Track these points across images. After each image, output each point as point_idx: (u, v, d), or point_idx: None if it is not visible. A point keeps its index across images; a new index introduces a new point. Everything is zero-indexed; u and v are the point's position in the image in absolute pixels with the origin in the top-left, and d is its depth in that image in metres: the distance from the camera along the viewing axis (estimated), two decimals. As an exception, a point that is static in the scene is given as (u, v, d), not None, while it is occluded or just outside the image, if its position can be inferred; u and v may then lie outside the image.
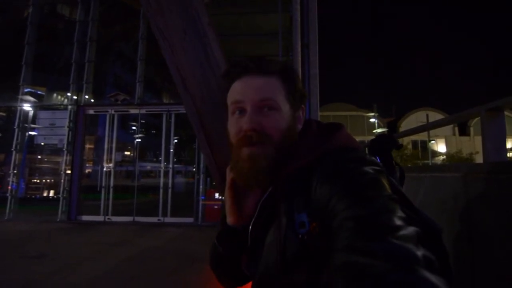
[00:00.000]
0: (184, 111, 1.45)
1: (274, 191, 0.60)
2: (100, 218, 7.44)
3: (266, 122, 0.60)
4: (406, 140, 25.45)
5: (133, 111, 8.10)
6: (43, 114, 8.07)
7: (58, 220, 7.29)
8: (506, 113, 1.25)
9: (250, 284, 0.68)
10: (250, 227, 0.63)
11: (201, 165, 7.47)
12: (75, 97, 7.93)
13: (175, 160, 8.13)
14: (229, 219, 0.66)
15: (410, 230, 0.40)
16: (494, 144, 1.14)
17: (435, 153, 27.83)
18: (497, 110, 1.15)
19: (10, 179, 7.74)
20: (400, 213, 0.44)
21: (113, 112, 7.97)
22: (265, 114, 0.60)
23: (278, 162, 0.59)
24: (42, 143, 8.25)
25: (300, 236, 0.52)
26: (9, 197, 7.59)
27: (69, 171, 7.60)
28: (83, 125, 7.92)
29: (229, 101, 0.65)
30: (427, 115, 25.31)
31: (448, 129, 28.48)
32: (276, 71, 0.63)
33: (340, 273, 0.39)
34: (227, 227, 0.67)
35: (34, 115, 8.13)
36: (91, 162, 9.65)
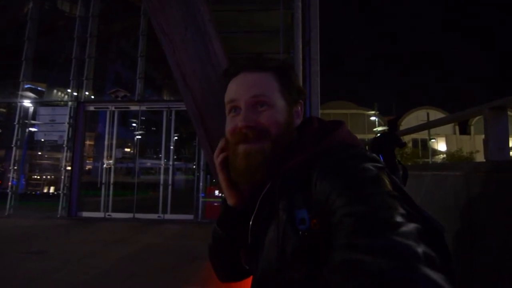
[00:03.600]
0: (185, 108, 1.44)
1: (273, 187, 0.59)
2: (100, 214, 7.46)
3: (261, 118, 0.60)
4: (406, 139, 25.43)
5: (133, 107, 8.10)
6: (43, 110, 8.07)
7: (58, 216, 7.32)
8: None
9: (250, 279, 0.68)
10: (251, 223, 0.63)
11: (201, 163, 7.48)
12: (75, 94, 7.92)
13: (175, 157, 8.13)
14: (230, 201, 0.68)
15: (411, 227, 0.40)
16: (497, 143, 1.14)
17: (436, 152, 27.83)
18: (501, 108, 1.15)
19: (11, 175, 7.75)
20: (400, 210, 0.43)
21: (113, 109, 7.97)
22: (259, 111, 0.61)
23: (276, 157, 0.59)
24: (42, 139, 8.26)
25: (300, 232, 0.52)
26: (10, 193, 7.61)
27: (69, 168, 7.62)
28: (83, 121, 7.92)
29: (225, 100, 0.66)
30: (427, 114, 25.30)
31: (448, 128, 28.45)
32: (271, 68, 0.64)
33: (340, 270, 0.39)
34: (228, 209, 0.68)
35: (34, 111, 8.13)
36: (91, 159, 9.64)
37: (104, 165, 7.84)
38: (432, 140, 26.13)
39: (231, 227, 0.69)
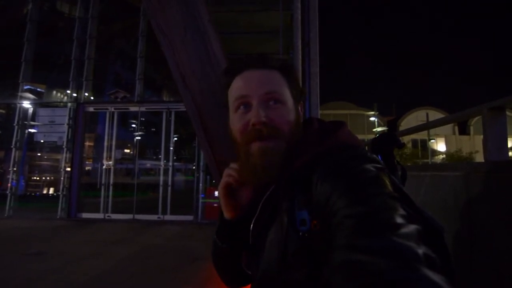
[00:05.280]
0: (184, 109, 1.43)
1: (276, 189, 0.59)
2: (99, 215, 7.45)
3: (274, 115, 0.58)
4: (406, 139, 25.45)
5: (133, 108, 8.10)
6: (42, 112, 8.06)
7: (57, 217, 7.31)
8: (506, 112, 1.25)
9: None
10: (252, 225, 0.63)
11: (201, 163, 7.47)
12: (74, 95, 7.92)
13: (175, 158, 8.13)
14: (226, 215, 0.67)
15: (411, 228, 0.40)
16: (496, 143, 1.14)
17: (435, 152, 27.85)
18: (500, 109, 1.15)
19: (10, 176, 7.74)
20: (401, 211, 0.43)
21: (112, 110, 7.96)
22: (271, 108, 0.59)
23: (289, 157, 0.58)
24: (42, 141, 8.26)
25: (301, 234, 0.52)
26: (9, 195, 7.59)
27: (68, 169, 7.61)
28: (83, 122, 7.91)
29: (231, 98, 0.64)
30: (427, 114, 25.31)
31: (448, 128, 28.50)
32: (277, 66, 0.63)
33: (340, 270, 0.39)
34: (225, 221, 0.68)
35: (34, 113, 8.13)
36: (91, 160, 9.65)
37: (104, 166, 7.83)
38: (432, 141, 26.15)
39: (229, 237, 0.69)
